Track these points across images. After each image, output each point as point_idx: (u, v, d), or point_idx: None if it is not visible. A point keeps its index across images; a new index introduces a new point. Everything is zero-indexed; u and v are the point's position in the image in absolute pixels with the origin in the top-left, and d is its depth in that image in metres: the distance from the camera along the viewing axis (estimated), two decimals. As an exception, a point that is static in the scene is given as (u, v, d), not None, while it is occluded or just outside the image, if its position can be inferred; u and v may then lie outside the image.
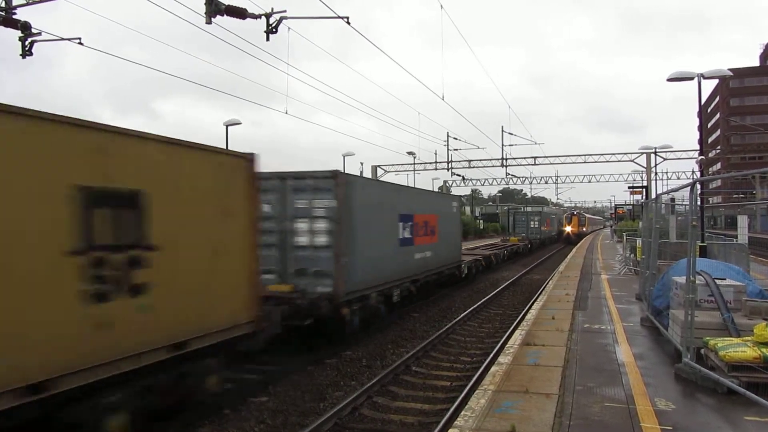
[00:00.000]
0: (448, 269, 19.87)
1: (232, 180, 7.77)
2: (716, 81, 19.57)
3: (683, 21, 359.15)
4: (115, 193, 5.94)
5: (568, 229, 66.20)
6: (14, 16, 14.46)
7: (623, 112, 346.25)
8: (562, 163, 65.16)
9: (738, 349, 6.59)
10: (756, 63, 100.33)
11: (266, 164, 8.76)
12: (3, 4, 14.28)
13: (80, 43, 14.94)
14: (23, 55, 14.64)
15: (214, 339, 7.25)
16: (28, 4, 14.51)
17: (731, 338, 7.11)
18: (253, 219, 8.19)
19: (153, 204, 6.31)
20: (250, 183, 8.13)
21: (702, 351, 7.27)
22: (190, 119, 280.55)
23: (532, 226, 49.63)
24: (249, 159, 8.15)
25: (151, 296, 6.25)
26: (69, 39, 14.98)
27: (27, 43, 14.63)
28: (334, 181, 11.47)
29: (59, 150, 5.40)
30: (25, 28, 14.53)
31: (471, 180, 74.20)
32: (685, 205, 10.02)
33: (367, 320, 12.93)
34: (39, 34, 14.74)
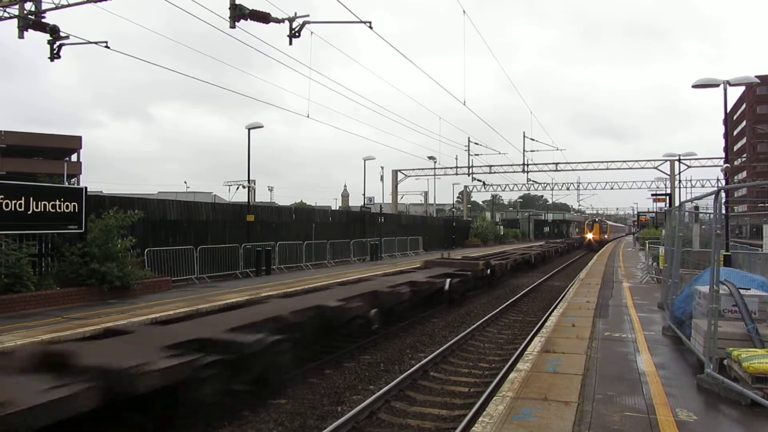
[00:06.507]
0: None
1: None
2: (710, 89, 19.21)
3: (640, 30, 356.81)
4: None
5: (589, 236, 65.93)
6: (43, 20, 14.77)
7: (609, 119, 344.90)
8: (584, 170, 64.49)
9: (762, 361, 6.48)
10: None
11: (271, 168, 8.94)
12: (33, 8, 14.59)
13: (107, 47, 15.21)
14: (51, 58, 14.94)
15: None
16: (57, 8, 14.80)
17: (755, 349, 6.99)
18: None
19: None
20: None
21: (725, 362, 7.16)
22: (185, 124, 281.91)
23: None
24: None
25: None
26: (96, 42, 15.25)
27: (55, 46, 14.93)
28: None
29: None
30: (53, 31, 14.84)
31: (491, 185, 74.08)
32: (709, 213, 9.87)
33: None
34: (67, 37, 15.03)
